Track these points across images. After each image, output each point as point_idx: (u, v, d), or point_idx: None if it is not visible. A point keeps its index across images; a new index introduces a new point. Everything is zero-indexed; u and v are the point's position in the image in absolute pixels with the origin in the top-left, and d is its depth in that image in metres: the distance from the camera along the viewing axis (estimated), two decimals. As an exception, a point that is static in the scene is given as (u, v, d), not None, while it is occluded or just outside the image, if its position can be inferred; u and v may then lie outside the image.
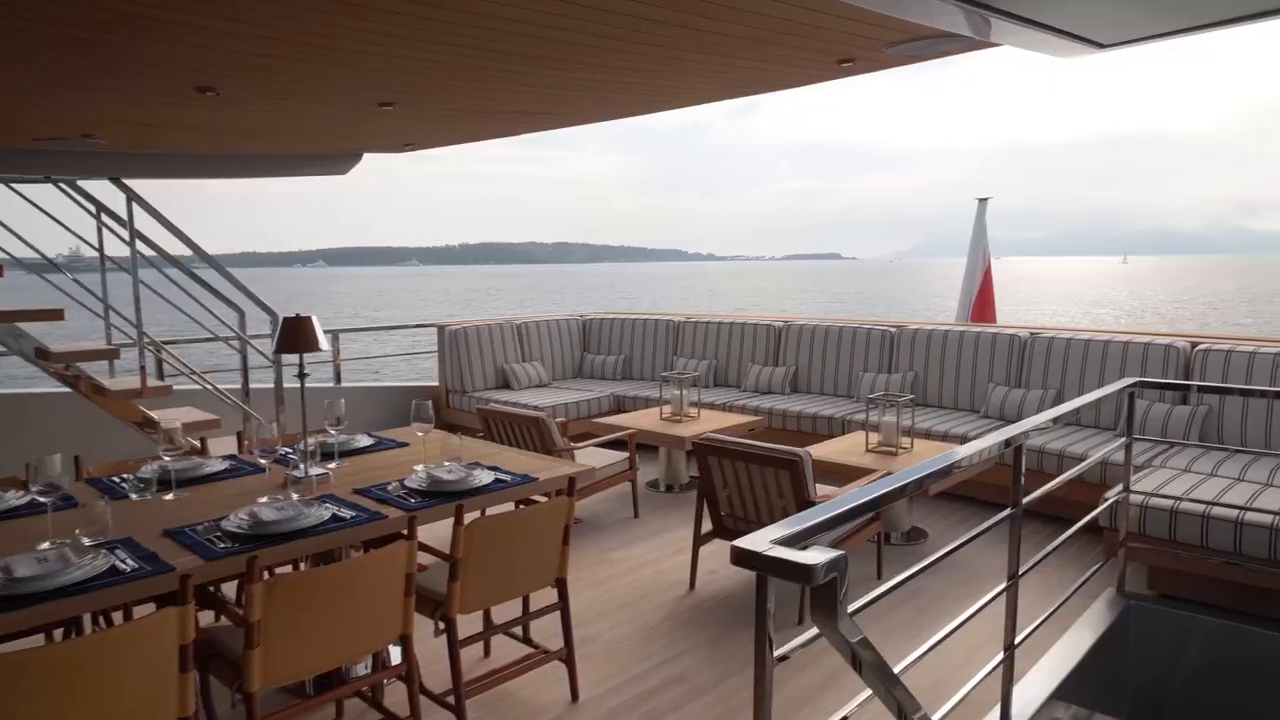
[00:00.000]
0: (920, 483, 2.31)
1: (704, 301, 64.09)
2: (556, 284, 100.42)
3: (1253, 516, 3.78)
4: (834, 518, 1.93)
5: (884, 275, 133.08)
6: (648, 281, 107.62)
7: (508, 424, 5.18)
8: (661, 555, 4.88)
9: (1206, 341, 5.36)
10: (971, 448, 2.57)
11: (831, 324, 7.25)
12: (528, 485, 3.34)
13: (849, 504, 2.05)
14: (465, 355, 7.66)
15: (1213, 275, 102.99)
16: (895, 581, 2.13)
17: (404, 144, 5.31)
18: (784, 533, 1.82)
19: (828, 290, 79.12)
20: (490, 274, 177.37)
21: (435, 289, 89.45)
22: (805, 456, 3.90)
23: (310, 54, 3.25)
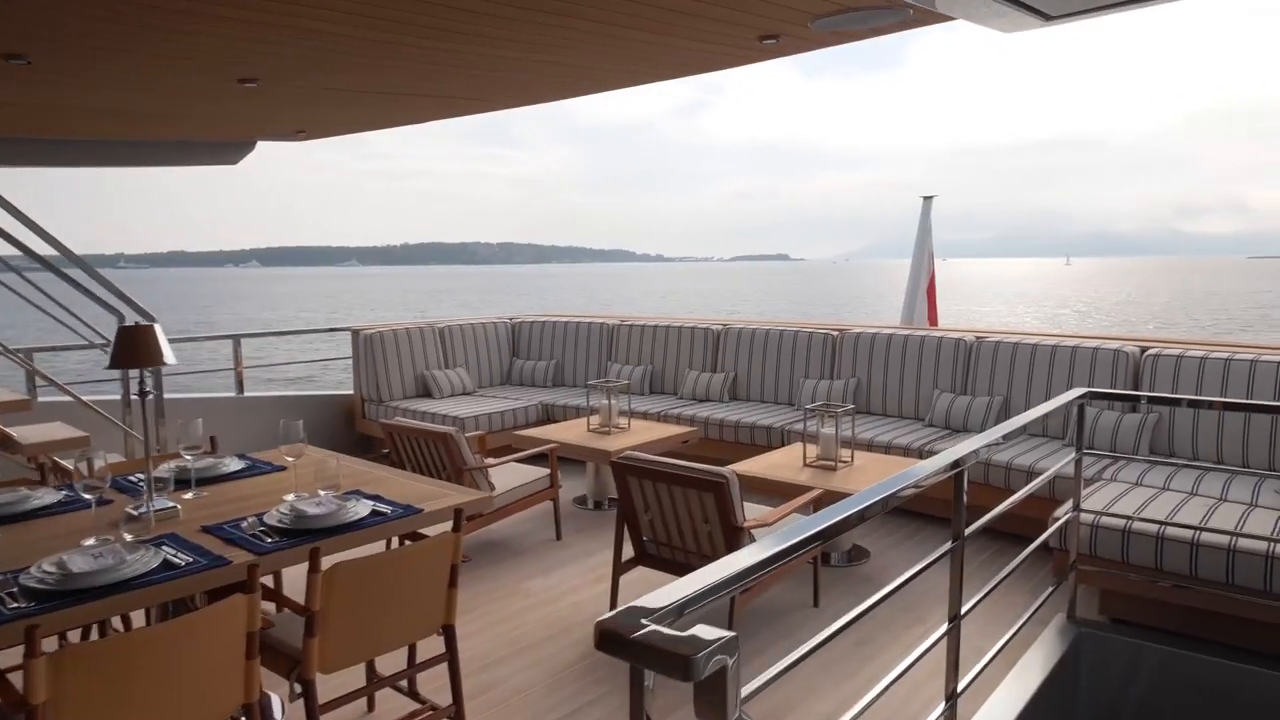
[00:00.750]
0: (842, 525, 1.95)
1: (654, 303, 63.78)
2: (501, 285, 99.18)
3: (1208, 538, 3.50)
4: (730, 578, 1.55)
5: (831, 276, 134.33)
6: (594, 282, 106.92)
7: (414, 441, 4.72)
8: (582, 583, 4.47)
9: (1156, 346, 5.12)
10: (910, 475, 2.22)
11: (772, 327, 6.91)
12: (411, 518, 2.90)
13: (754, 559, 1.67)
14: (382, 361, 7.15)
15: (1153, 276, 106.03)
16: (792, 660, 1.75)
17: (296, 130, 4.82)
18: (664, 603, 1.43)
19: (777, 292, 79.41)
20: (432, 275, 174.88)
21: (374, 290, 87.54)
22: (731, 478, 3.52)
23: (136, 16, 2.77)
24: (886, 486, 2.13)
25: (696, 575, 1.55)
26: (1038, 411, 3.14)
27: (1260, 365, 4.64)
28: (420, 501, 3.04)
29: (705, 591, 1.49)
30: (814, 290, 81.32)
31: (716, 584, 1.51)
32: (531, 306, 57.91)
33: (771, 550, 1.71)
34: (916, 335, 6.16)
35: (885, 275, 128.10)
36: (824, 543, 1.90)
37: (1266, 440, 4.55)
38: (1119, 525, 3.70)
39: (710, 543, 3.66)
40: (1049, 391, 5.43)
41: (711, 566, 1.57)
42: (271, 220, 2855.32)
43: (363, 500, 2.99)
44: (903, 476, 2.21)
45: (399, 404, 7.00)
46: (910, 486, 2.19)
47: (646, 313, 8.16)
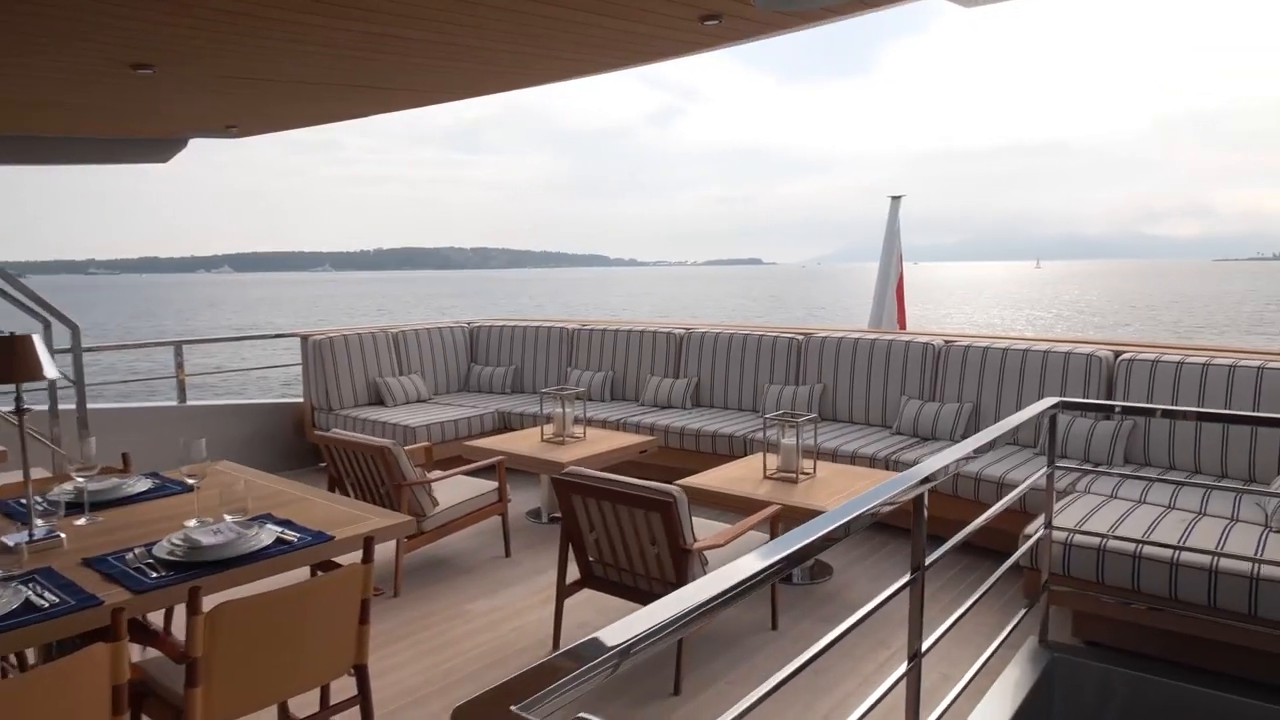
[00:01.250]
0: (798, 556, 1.73)
1: (631, 306, 63.42)
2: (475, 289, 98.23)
3: (1189, 557, 3.29)
4: (626, 647, 1.31)
5: (804, 280, 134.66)
6: (567, 287, 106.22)
7: (350, 455, 4.42)
8: (529, 604, 4.19)
9: (1130, 350, 4.94)
10: (874, 496, 2.01)
11: (735, 331, 6.67)
12: (319, 547, 2.61)
13: (670, 612, 1.43)
14: (332, 368, 6.83)
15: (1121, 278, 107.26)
16: (744, 709, 1.53)
17: (226, 126, 4.52)
18: (567, 671, 1.20)
19: (749, 296, 79.39)
20: (406, 280, 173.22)
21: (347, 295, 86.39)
22: (679, 496, 3.27)
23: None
24: (848, 510, 1.93)
25: (620, 626, 1.33)
26: (1007, 424, 2.93)
27: (1239, 371, 4.46)
28: (336, 526, 2.76)
29: (629, 645, 1.27)
30: (786, 294, 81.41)
31: (639, 637, 1.29)
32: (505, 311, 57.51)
33: (708, 594, 1.48)
34: (884, 339, 5.95)
35: (857, 278, 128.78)
36: (779, 576, 1.68)
37: (1246, 449, 4.37)
38: (1093, 544, 3.48)
39: (659, 565, 3.41)
40: (1020, 398, 5.23)
41: (630, 620, 1.36)
42: (244, 226, 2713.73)
43: (269, 527, 2.71)
44: (866, 498, 2.01)
45: (350, 412, 6.69)
46: (871, 512, 1.98)
47: (619, 316, 7.88)
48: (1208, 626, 3.27)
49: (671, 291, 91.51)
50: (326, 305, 69.82)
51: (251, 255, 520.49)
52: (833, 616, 3.99)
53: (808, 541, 1.77)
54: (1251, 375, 4.42)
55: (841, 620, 3.74)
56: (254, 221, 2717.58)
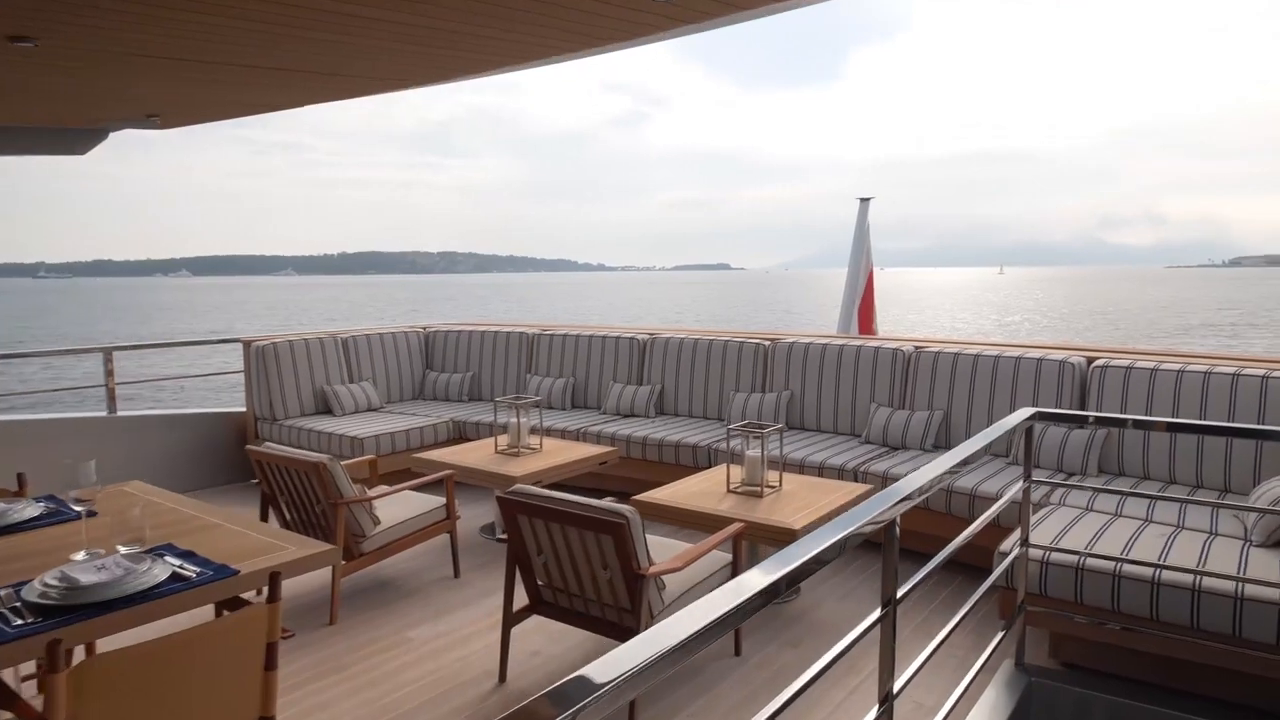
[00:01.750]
0: (764, 595, 1.51)
1: (606, 311, 63.03)
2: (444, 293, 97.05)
3: (1170, 576, 3.11)
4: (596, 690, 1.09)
5: (771, 285, 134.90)
6: (535, 291, 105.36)
7: (283, 472, 4.12)
8: (476, 630, 3.91)
9: (1103, 356, 4.78)
10: (846, 523, 1.79)
11: (701, 337, 6.44)
12: (221, 583, 2.33)
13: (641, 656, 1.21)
14: (276, 376, 6.49)
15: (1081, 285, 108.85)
16: None
17: (146, 115, 4.20)
18: None
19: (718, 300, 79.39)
20: (371, 284, 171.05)
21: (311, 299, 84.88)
22: (632, 518, 3.02)
23: None
24: (819, 539, 1.71)
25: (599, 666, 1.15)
26: (985, 437, 2.72)
27: (1214, 377, 4.31)
28: (246, 558, 2.47)
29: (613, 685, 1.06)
30: (756, 298, 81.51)
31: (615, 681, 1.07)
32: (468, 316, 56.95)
33: (655, 650, 1.25)
34: (852, 345, 5.74)
35: (824, 283, 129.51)
36: (744, 619, 1.47)
37: (1221, 458, 4.22)
38: (1071, 561, 3.29)
39: (612, 591, 3.15)
40: (992, 406, 5.05)
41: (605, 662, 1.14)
42: (205, 228, 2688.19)
43: (167, 560, 2.41)
44: (839, 524, 1.79)
45: (295, 422, 6.35)
46: (843, 540, 1.75)
47: (587, 321, 7.59)
48: (1191, 648, 3.08)
49: (641, 295, 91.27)
50: (286, 310, 68.57)
51: (211, 259, 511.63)
52: (800, 640, 3.77)
53: (786, 571, 1.56)
54: (1226, 382, 4.27)
55: (809, 645, 3.51)
56: (215, 224, 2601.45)
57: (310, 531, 4.20)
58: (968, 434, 5.13)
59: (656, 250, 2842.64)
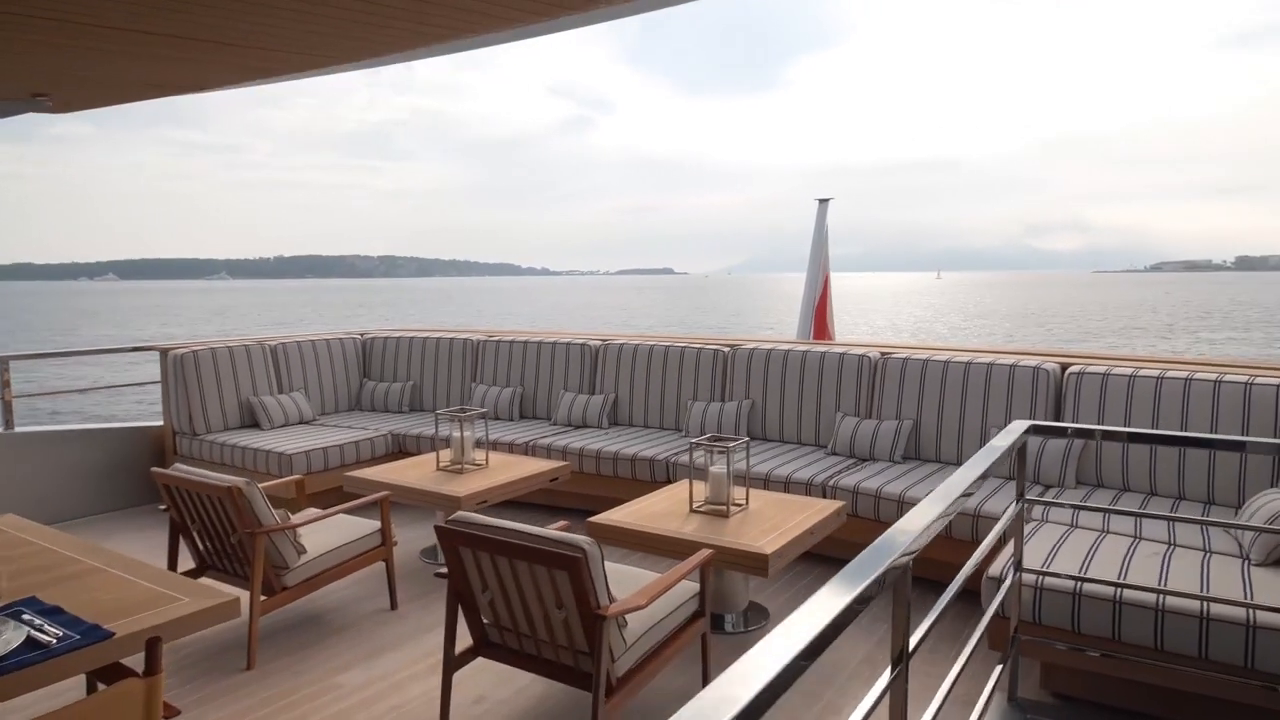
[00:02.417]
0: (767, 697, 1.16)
1: (552, 315, 62.29)
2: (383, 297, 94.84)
3: (1175, 603, 2.86)
4: None
5: (717, 289, 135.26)
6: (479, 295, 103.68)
7: (192, 497, 3.66)
8: (415, 673, 3.51)
9: (1078, 363, 4.58)
10: (842, 591, 1.45)
11: (656, 343, 6.11)
12: (89, 650, 1.91)
13: None
14: (197, 386, 5.97)
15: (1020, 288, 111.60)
16: None
17: (33, 94, 3.71)
18: None
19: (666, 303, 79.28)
20: (309, 288, 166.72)
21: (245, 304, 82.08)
22: (590, 551, 2.66)
23: None
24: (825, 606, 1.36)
25: None
26: (984, 459, 2.43)
27: (1195, 384, 4.13)
28: (128, 613, 2.05)
29: None
30: (700, 302, 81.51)
31: None
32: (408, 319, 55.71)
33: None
34: (816, 351, 5.47)
35: (767, 287, 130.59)
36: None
37: (1204, 469, 4.03)
38: (1067, 587, 3.03)
39: (567, 632, 2.79)
40: (964, 414, 4.82)
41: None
42: (133, 230, 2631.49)
43: (24, 618, 1.98)
44: (844, 585, 1.46)
45: (218, 437, 5.84)
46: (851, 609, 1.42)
47: (536, 326, 7.19)
48: (1198, 680, 2.84)
49: (587, 299, 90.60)
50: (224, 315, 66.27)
51: (141, 262, 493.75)
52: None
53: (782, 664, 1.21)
54: (1208, 389, 4.09)
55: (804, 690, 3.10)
56: (144, 226, 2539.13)
57: (226, 564, 3.75)
58: (939, 444, 4.89)
59: (601, 254, 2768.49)
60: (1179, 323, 46.99)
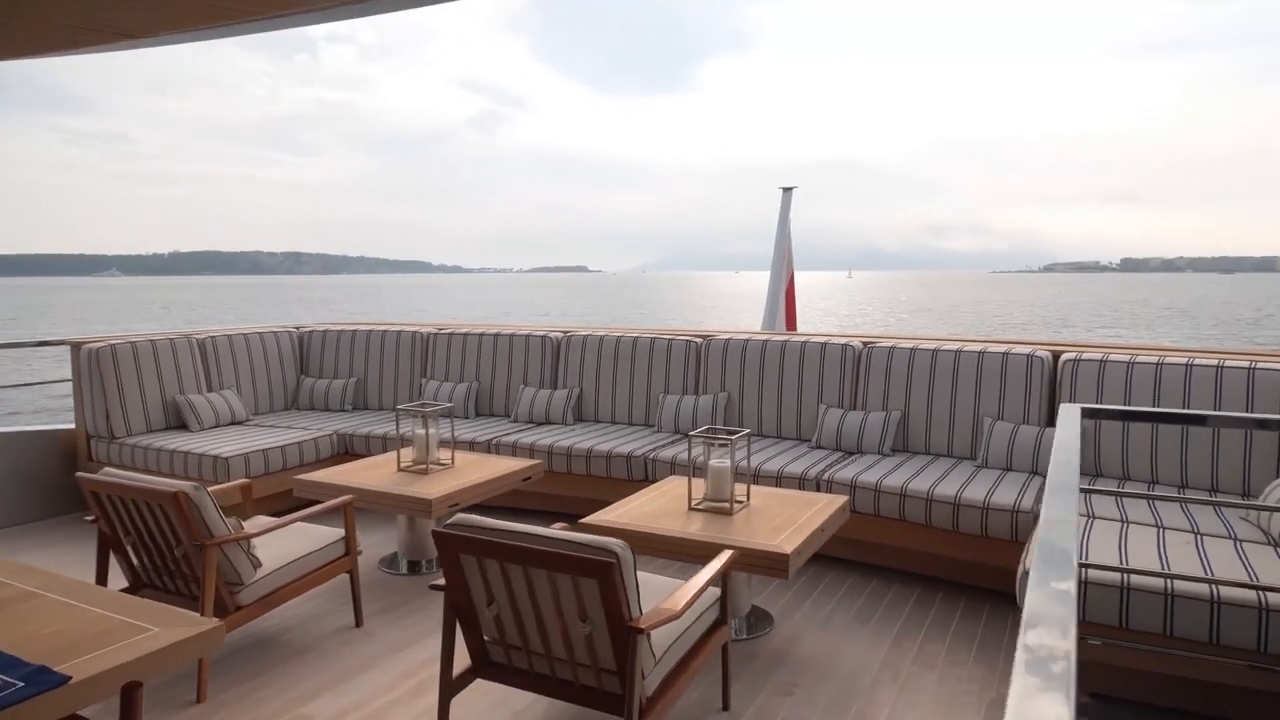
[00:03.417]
0: None
1: (453, 312, 60.74)
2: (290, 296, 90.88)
3: (1229, 593, 2.72)
4: None
5: (633, 287, 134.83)
6: (390, 293, 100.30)
7: (128, 505, 3.16)
8: (395, 697, 3.10)
9: (1071, 350, 4.47)
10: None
11: (623, 334, 5.79)
12: (41, 698, 1.48)
13: None
14: (116, 384, 5.36)
15: (923, 287, 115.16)
16: None
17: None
18: None
19: (584, 300, 78.62)
20: (209, 285, 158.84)
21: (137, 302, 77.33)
22: (623, 555, 2.34)
23: None
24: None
25: None
26: (1072, 450, 2.20)
27: (1196, 369, 4.06)
28: (80, 650, 1.63)
29: None
30: (617, 299, 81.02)
31: None
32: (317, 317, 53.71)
33: None
34: (795, 341, 5.25)
35: (683, 284, 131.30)
36: None
37: (1208, 456, 3.96)
38: (1114, 580, 2.85)
39: (590, 649, 2.45)
40: (954, 404, 4.67)
41: None
42: (8, 225, 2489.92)
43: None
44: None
45: (140, 440, 5.25)
46: None
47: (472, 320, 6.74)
48: (1252, 675, 2.70)
49: (501, 296, 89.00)
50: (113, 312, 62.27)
51: (18, 258, 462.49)
52: (790, 687, 3.18)
53: None
54: (1210, 374, 4.03)
55: (806, 689, 2.89)
56: (22, 220, 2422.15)
57: (167, 581, 3.27)
58: (928, 435, 4.73)
59: (514, 251, 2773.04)
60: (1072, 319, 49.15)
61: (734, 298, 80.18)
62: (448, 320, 7.24)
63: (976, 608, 3.88)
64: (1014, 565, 3.78)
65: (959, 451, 4.64)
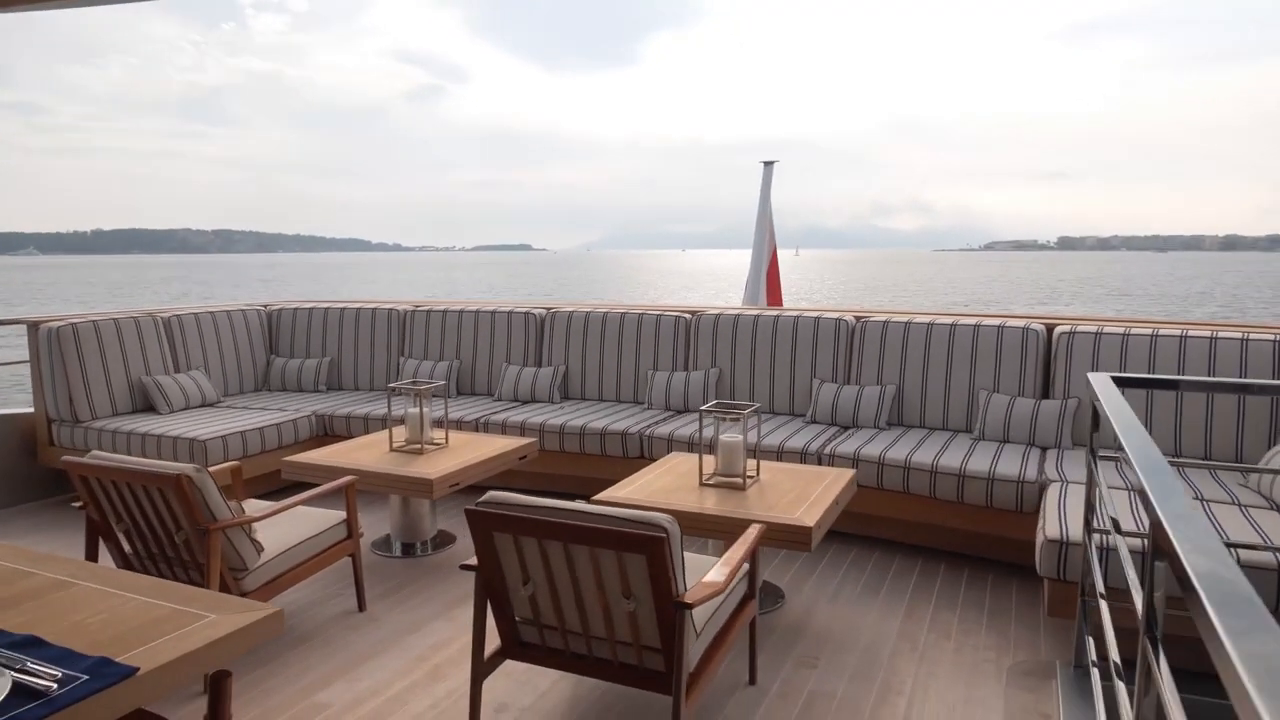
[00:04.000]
0: None
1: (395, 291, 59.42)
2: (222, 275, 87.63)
3: (1252, 556, 2.78)
4: None
5: (581, 265, 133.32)
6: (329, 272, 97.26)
7: (122, 490, 2.99)
8: (412, 682, 3.01)
9: (1065, 324, 4.53)
10: None
11: (610, 310, 5.71)
12: (109, 691, 1.37)
13: None
14: (78, 365, 5.09)
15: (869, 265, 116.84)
16: None
17: None
18: None
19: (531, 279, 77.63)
20: (134, 264, 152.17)
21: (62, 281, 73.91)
22: (672, 530, 2.28)
23: None
24: None
25: None
26: (1130, 417, 2.19)
27: (1190, 340, 4.15)
28: (135, 641, 1.51)
29: None
30: (566, 278, 79.99)
31: None
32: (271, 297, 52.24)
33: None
34: (788, 317, 5.23)
35: (629, 263, 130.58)
36: None
37: (1202, 425, 4.05)
38: (1136, 546, 2.89)
39: (631, 626, 2.39)
40: (950, 379, 4.70)
41: None
42: None
43: (2, 653, 1.41)
44: None
45: (107, 424, 5.00)
46: None
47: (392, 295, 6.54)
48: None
49: (446, 276, 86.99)
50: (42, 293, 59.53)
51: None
52: (812, 659, 3.17)
53: None
54: (1204, 345, 4.12)
55: (828, 661, 2.89)
56: None
57: (165, 570, 3.10)
58: (923, 409, 4.76)
59: (455, 230, 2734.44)
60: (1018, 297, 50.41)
61: (685, 275, 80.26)
62: (391, 297, 7.06)
63: (980, 578, 3.93)
64: (1016, 535, 3.83)
65: (954, 424, 4.68)
